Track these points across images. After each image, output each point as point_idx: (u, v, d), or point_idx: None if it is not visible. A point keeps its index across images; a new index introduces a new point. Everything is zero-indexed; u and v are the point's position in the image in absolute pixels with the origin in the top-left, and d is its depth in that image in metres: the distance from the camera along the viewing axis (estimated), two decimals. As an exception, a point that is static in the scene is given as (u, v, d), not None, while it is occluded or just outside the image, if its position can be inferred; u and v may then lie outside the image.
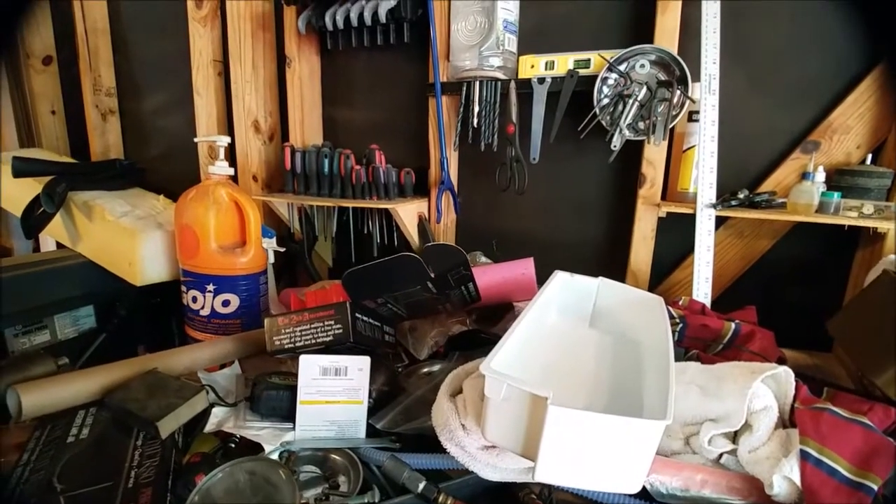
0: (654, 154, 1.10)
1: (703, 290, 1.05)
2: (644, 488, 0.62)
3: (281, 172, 1.37)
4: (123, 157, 1.76)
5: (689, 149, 1.08)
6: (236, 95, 1.42)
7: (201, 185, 1.08)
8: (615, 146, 1.06)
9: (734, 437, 0.66)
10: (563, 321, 0.90)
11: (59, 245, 1.41)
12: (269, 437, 0.72)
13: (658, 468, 0.63)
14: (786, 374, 0.68)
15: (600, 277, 0.92)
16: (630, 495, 0.61)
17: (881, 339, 0.75)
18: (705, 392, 0.69)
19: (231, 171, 1.10)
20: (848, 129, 1.02)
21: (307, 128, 1.46)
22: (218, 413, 0.76)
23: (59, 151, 1.74)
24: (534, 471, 0.53)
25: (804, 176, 0.99)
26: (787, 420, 0.68)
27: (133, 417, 0.69)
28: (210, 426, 0.73)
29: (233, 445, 0.72)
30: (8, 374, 0.76)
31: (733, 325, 0.91)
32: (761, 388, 0.66)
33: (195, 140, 1.28)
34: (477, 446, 0.62)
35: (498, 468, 0.62)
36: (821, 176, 0.99)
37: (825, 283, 1.10)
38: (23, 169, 1.25)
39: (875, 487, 0.54)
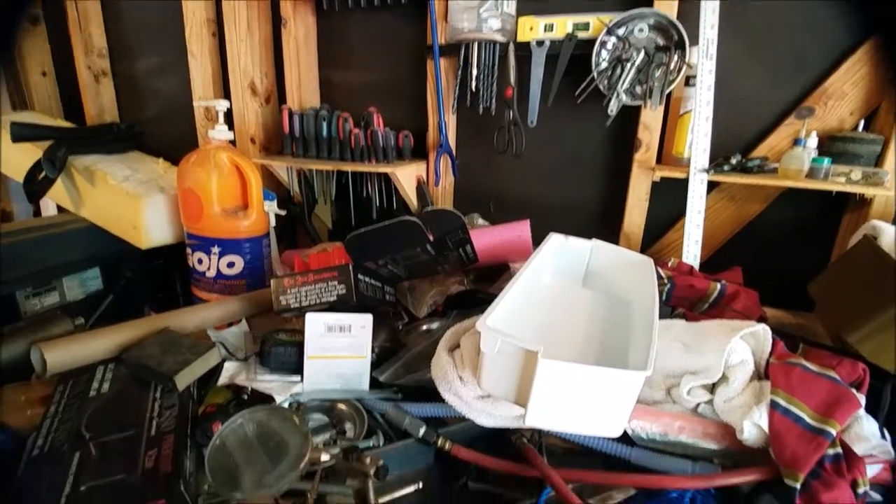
0: (651, 119, 1.11)
1: (692, 252, 1.09)
2: (626, 433, 0.67)
3: (278, 135, 1.38)
4: (119, 121, 1.75)
5: (685, 114, 1.09)
6: (231, 56, 1.41)
7: (202, 149, 1.09)
8: (612, 111, 1.07)
9: (712, 388, 0.71)
10: (556, 281, 0.94)
11: (60, 209, 1.42)
12: (280, 389, 0.76)
13: (639, 415, 0.68)
14: (764, 332, 0.73)
15: (594, 239, 0.95)
16: (612, 439, 0.67)
17: (855, 300, 0.80)
18: (688, 348, 0.73)
19: (231, 136, 1.11)
20: (843, 96, 1.03)
21: (304, 90, 1.45)
22: (230, 367, 0.80)
23: (53, 114, 1.73)
24: (525, 417, 0.58)
25: (796, 142, 1.01)
26: (763, 373, 0.73)
27: (151, 372, 0.73)
28: (223, 379, 0.78)
29: (245, 397, 0.77)
30: (29, 333, 0.80)
31: (719, 286, 0.95)
32: (739, 344, 0.71)
33: (194, 104, 1.27)
34: (473, 396, 0.67)
35: (492, 415, 0.67)
36: (813, 142, 1.01)
37: (812, 246, 1.14)
38: (22, 134, 1.25)
39: (833, 432, 0.59)
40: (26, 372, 0.81)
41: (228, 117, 1.23)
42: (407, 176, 1.27)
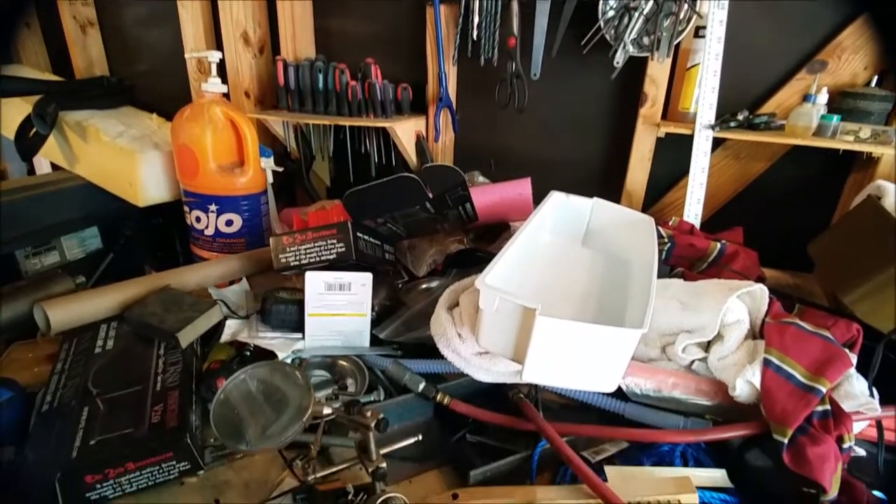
0: (657, 72, 1.07)
1: (693, 211, 1.08)
2: (620, 389, 0.68)
3: (273, 88, 1.33)
4: (109, 74, 1.69)
5: (692, 67, 1.06)
6: (223, 5, 1.35)
7: (195, 103, 1.06)
8: (618, 62, 1.04)
9: (707, 346, 0.72)
10: (556, 240, 0.94)
11: (55, 167, 1.40)
12: (281, 345, 0.78)
13: (634, 372, 0.69)
14: (761, 292, 0.73)
15: (595, 198, 0.94)
16: (607, 394, 0.69)
17: (854, 261, 0.80)
18: (685, 307, 0.74)
19: (224, 89, 1.08)
20: (858, 49, 0.99)
21: (299, 40, 1.40)
22: (232, 325, 0.81)
23: (41, 68, 1.67)
24: (521, 372, 0.59)
25: (805, 98, 0.98)
26: (758, 332, 0.74)
27: (153, 330, 0.74)
28: (225, 337, 0.79)
29: (248, 353, 0.78)
30: (31, 292, 0.80)
31: (719, 245, 0.95)
32: (736, 304, 0.71)
33: (186, 56, 1.23)
34: (471, 352, 0.68)
35: (490, 371, 0.68)
36: (823, 98, 0.98)
37: (815, 206, 1.13)
38: (9, 88, 1.22)
39: (823, 390, 0.60)
40: (31, 331, 0.82)
41: (222, 70, 1.19)
42: (406, 131, 1.24)
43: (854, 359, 0.66)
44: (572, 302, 0.80)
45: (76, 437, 0.58)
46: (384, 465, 0.55)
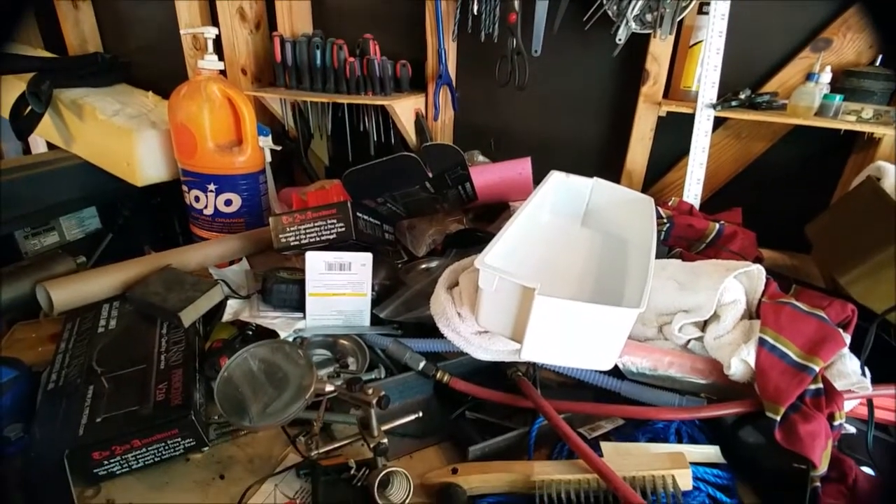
0: (660, 49, 1.06)
1: (693, 192, 1.08)
2: (617, 367, 0.70)
3: (270, 65, 1.31)
4: (103, 51, 1.66)
5: (695, 44, 1.04)
6: (217, -21, 1.32)
7: (192, 80, 1.05)
8: (620, 39, 1.02)
9: (703, 326, 0.73)
10: (555, 220, 0.94)
11: (51, 146, 1.39)
12: (283, 325, 0.79)
13: (631, 351, 0.70)
14: (758, 272, 0.73)
15: (595, 178, 0.94)
16: (603, 372, 0.70)
17: (851, 242, 0.80)
18: (682, 287, 0.75)
19: (221, 66, 1.06)
20: (863, 27, 0.97)
21: (296, 15, 1.37)
22: (233, 305, 0.82)
23: (32, 44, 1.64)
24: (520, 351, 0.60)
25: (809, 77, 0.97)
26: (754, 313, 0.74)
27: (156, 309, 0.75)
28: (227, 316, 0.80)
29: (250, 333, 0.79)
30: (33, 272, 0.81)
31: (717, 226, 0.95)
32: (733, 283, 0.72)
33: (181, 32, 1.21)
34: (471, 331, 0.69)
35: (489, 350, 0.69)
36: (826, 77, 0.97)
37: (814, 187, 1.13)
38: (2, 65, 1.19)
39: (816, 369, 0.61)
40: (33, 311, 0.83)
41: (217, 47, 1.17)
42: (405, 109, 1.23)
43: (848, 339, 0.67)
44: (570, 281, 0.80)
45: (82, 414, 0.60)
46: (385, 440, 0.57)
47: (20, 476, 0.57)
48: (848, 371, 0.65)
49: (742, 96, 1.01)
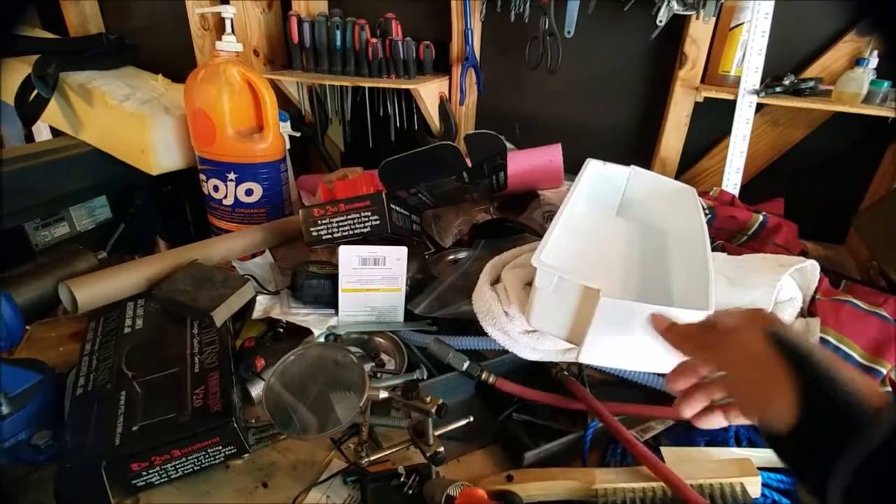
0: (700, 32, 1.01)
1: (732, 181, 1.04)
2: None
3: (284, 46, 1.26)
4: (105, 31, 1.59)
5: (736, 26, 0.99)
6: (227, -47, 1.25)
7: (210, 63, 1.00)
8: (661, 20, 0.97)
9: (757, 324, 0.70)
10: (590, 210, 0.90)
11: (55, 132, 1.33)
12: (316, 322, 0.75)
13: (686, 351, 0.67)
14: (812, 268, 0.71)
15: (632, 166, 0.90)
16: (657, 374, 0.67)
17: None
18: (733, 282, 0.72)
19: (240, 47, 1.00)
20: (916, 6, 0.93)
21: (310, -6, 1.31)
22: (262, 301, 0.79)
23: (30, 24, 1.56)
24: (578, 353, 0.57)
25: (857, 62, 0.93)
26: (806, 310, 0.72)
27: (186, 308, 0.71)
28: (257, 313, 0.77)
29: (281, 329, 0.76)
30: (54, 270, 0.77)
31: (761, 217, 0.92)
32: (788, 281, 0.69)
33: (190, 11, 1.15)
34: (519, 331, 0.66)
35: (537, 350, 0.66)
36: (874, 62, 0.93)
37: (850, 176, 1.09)
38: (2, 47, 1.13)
39: (884, 371, 0.59)
40: (53, 308, 0.79)
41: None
42: (430, 93, 1.18)
43: (912, 338, 0.64)
44: (615, 277, 0.77)
45: (117, 422, 0.56)
46: (442, 449, 0.54)
47: (55, 485, 0.54)
48: (916, 373, 0.62)
49: (786, 82, 0.97)
